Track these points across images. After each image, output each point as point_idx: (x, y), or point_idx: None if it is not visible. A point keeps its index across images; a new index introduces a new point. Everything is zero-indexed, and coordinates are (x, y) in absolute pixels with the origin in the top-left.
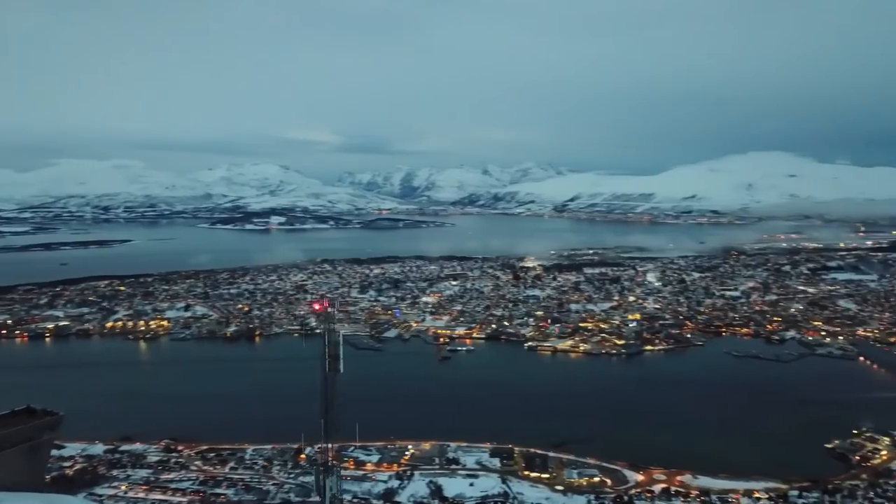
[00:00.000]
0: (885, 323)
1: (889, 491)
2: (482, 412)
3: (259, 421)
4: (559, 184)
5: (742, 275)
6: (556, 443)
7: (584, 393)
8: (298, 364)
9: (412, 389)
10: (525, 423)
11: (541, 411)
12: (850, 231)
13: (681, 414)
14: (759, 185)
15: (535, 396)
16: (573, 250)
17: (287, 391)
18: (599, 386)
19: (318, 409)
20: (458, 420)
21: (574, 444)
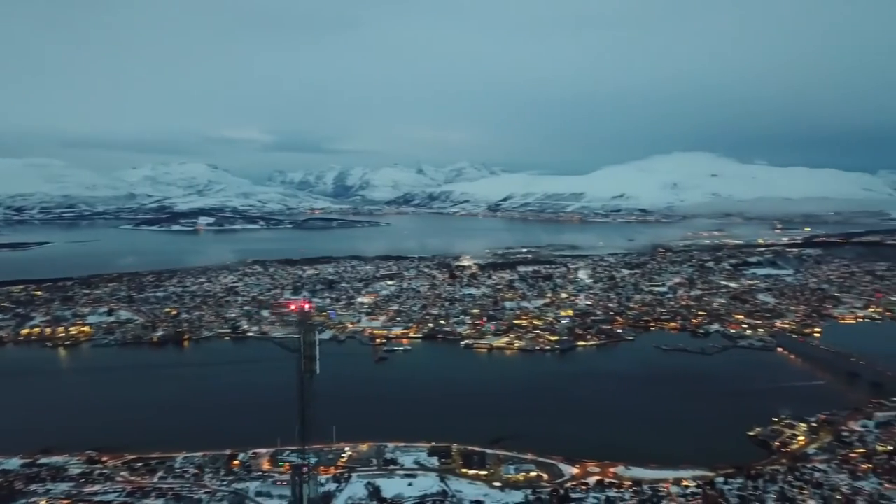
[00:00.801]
0: (801, 315)
1: (806, 474)
2: (420, 412)
3: (190, 428)
4: (493, 183)
5: (669, 271)
6: (493, 439)
7: (519, 389)
8: (231, 368)
9: (348, 391)
10: (463, 421)
11: (478, 409)
12: (768, 228)
13: (613, 407)
14: (683, 185)
15: (473, 394)
16: (508, 249)
17: (219, 396)
18: (534, 382)
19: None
20: (395, 420)
21: (511, 440)
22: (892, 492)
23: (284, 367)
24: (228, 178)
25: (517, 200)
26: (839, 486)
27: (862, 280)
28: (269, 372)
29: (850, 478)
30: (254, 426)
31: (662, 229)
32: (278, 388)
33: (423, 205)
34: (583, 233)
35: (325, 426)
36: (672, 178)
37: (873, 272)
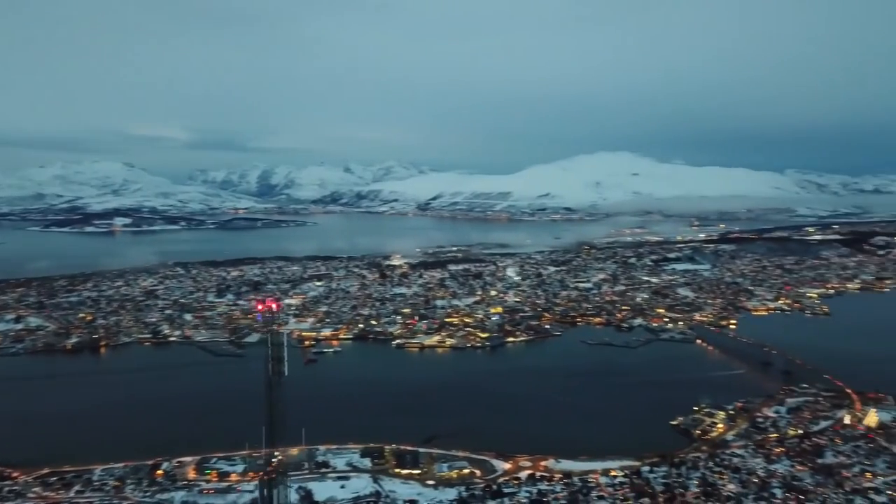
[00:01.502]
0: (718, 308)
1: (725, 460)
2: (351, 413)
3: (109, 438)
4: (422, 183)
5: (594, 267)
6: (426, 438)
7: (451, 387)
8: (152, 374)
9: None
10: (395, 421)
11: (410, 408)
12: (686, 225)
13: (542, 401)
14: (606, 184)
15: (405, 393)
16: (438, 248)
17: (140, 404)
18: (466, 379)
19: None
20: (326, 423)
21: (444, 438)
22: (804, 473)
23: (210, 371)
24: (146, 177)
25: (446, 199)
26: (755, 469)
27: (773, 274)
28: (193, 377)
29: (766, 461)
30: (178, 434)
31: (587, 227)
32: (203, 393)
33: (352, 204)
34: (511, 231)
35: (252, 431)
36: (595, 178)
37: (782, 266)
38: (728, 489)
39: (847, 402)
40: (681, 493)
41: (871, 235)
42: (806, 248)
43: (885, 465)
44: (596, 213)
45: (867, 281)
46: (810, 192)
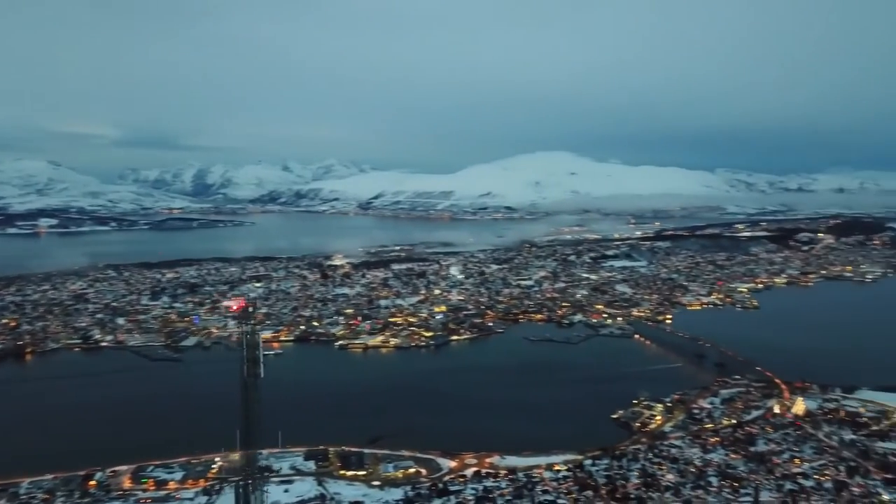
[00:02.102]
0: (654, 303)
1: (664, 451)
2: (294, 416)
3: (37, 449)
4: (363, 181)
5: (535, 265)
6: (371, 439)
7: (396, 387)
8: (83, 381)
9: (216, 399)
10: (340, 422)
11: (355, 409)
12: (623, 223)
13: (487, 398)
14: (545, 183)
15: (349, 395)
16: (381, 247)
17: (70, 412)
18: (411, 378)
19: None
20: (268, 426)
21: (389, 438)
22: (737, 461)
23: (145, 377)
24: (73, 176)
25: (388, 199)
26: (692, 459)
27: (705, 269)
28: (127, 383)
29: (702, 451)
30: (112, 442)
31: (528, 226)
32: (139, 399)
33: (291, 203)
34: (453, 230)
35: (192, 436)
36: (535, 177)
37: (715, 262)
38: (667, 479)
39: (776, 391)
40: (622, 485)
41: (796, 232)
42: (736, 244)
43: (812, 450)
44: (536, 212)
45: (793, 275)
46: (739, 190)
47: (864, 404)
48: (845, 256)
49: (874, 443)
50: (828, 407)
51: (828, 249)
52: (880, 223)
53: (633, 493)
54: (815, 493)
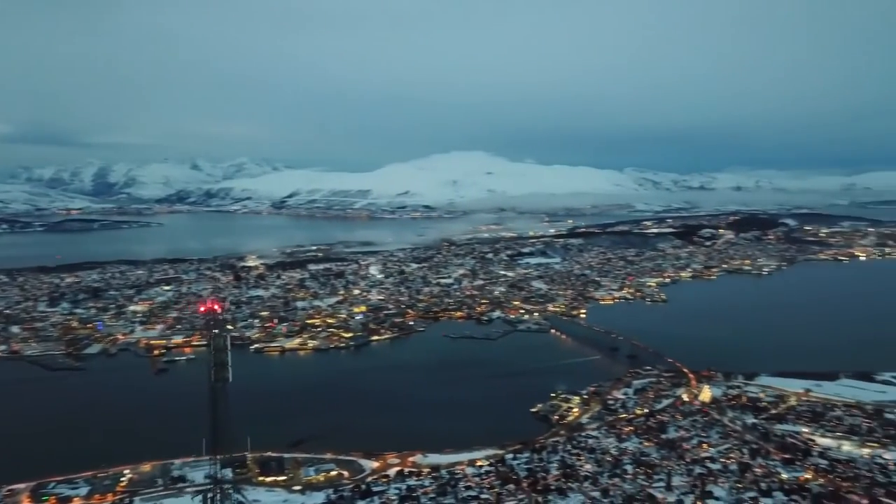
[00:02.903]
0: (569, 299)
1: (582, 442)
2: (208, 423)
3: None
4: (276, 180)
5: (454, 263)
6: (291, 443)
7: (316, 389)
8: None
9: (123, 408)
10: (258, 428)
11: (274, 413)
12: (537, 221)
13: (409, 397)
14: (462, 182)
15: (267, 399)
16: (297, 247)
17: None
18: (331, 380)
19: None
20: (181, 435)
21: (310, 441)
22: (650, 448)
23: (44, 388)
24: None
25: (303, 197)
26: (609, 448)
27: (616, 265)
28: (24, 396)
29: (617, 440)
30: (7, 458)
31: (446, 224)
32: (37, 412)
33: (200, 203)
34: (372, 229)
35: (97, 449)
36: (451, 176)
37: (625, 258)
38: (585, 469)
39: (684, 380)
40: (543, 477)
41: (700, 228)
42: (644, 240)
43: (718, 435)
44: (454, 211)
45: (697, 270)
46: (647, 188)
47: (763, 390)
48: (744, 251)
49: (773, 425)
50: (731, 393)
51: (728, 244)
52: (774, 219)
53: (554, 484)
54: (722, 476)
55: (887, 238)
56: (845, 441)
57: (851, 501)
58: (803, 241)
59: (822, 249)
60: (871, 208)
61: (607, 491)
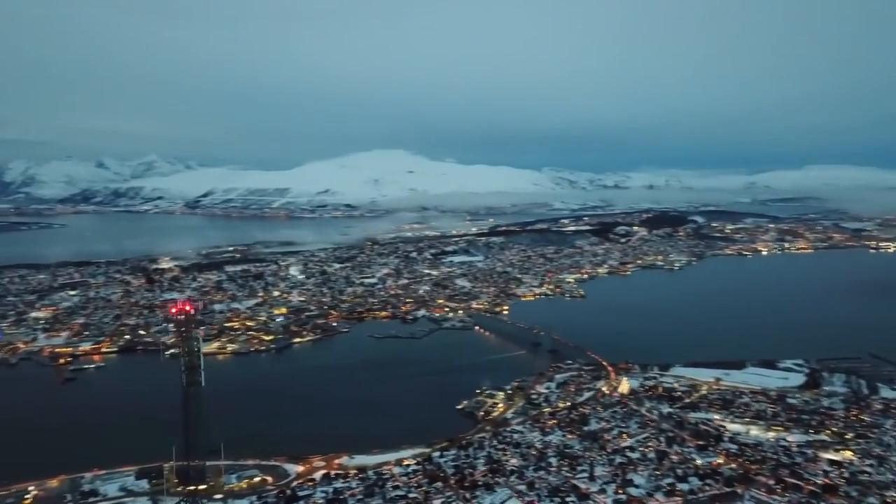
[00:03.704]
0: (492, 296)
1: (507, 437)
2: (122, 433)
3: None
4: (190, 179)
5: (377, 263)
6: (211, 450)
7: (237, 393)
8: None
9: (26, 421)
10: (175, 435)
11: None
12: (460, 220)
13: (333, 399)
14: (384, 181)
15: (182, 406)
16: (213, 248)
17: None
18: (252, 384)
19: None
20: (92, 447)
21: (231, 447)
22: (573, 440)
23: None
24: None
25: (219, 197)
26: (534, 442)
27: (537, 262)
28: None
29: (542, 434)
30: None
31: (368, 223)
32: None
33: (108, 203)
34: (292, 229)
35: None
36: (373, 175)
37: (545, 255)
38: (511, 463)
39: (604, 373)
40: (470, 473)
41: (615, 226)
42: (563, 238)
43: (637, 425)
44: (376, 210)
45: (613, 266)
46: (564, 187)
47: (677, 380)
48: (657, 247)
49: (687, 414)
50: (648, 384)
51: (642, 241)
52: (684, 216)
53: (481, 480)
54: (641, 464)
55: (786, 234)
56: (753, 426)
57: (759, 483)
58: (711, 237)
59: (728, 245)
60: (770, 205)
61: (533, 484)
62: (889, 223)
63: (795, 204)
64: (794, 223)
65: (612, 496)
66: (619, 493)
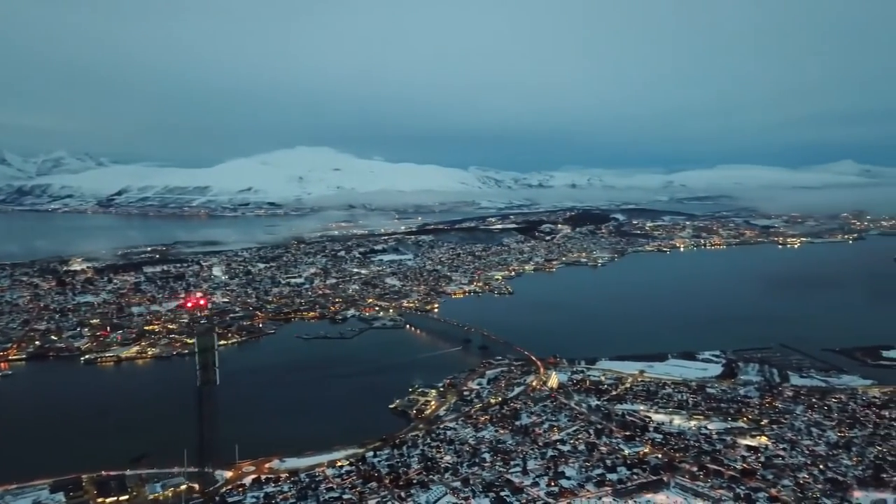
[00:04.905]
0: (422, 294)
1: (441, 434)
2: (35, 444)
3: None
4: (102, 176)
5: (304, 262)
6: (133, 459)
7: (160, 399)
8: None
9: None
10: (94, 446)
11: (112, 429)
12: (388, 218)
13: (260, 402)
14: (309, 178)
15: (103, 413)
16: (130, 248)
17: None
18: (175, 389)
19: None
20: (1, 460)
21: (155, 455)
22: (506, 435)
23: None
24: None
25: (134, 195)
26: (467, 439)
27: (466, 260)
28: None
29: (474, 430)
30: None
31: (294, 222)
32: None
33: (11, 201)
34: (214, 228)
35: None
36: (297, 172)
37: (473, 253)
38: (445, 461)
39: (533, 368)
40: (404, 472)
41: (540, 224)
42: (491, 236)
43: (567, 418)
44: (302, 208)
45: (539, 263)
46: (490, 186)
47: (604, 373)
48: (580, 244)
49: (614, 406)
50: (576, 378)
51: (566, 238)
52: (606, 214)
53: (416, 478)
54: (572, 456)
55: (701, 230)
56: (676, 416)
57: (684, 470)
58: (632, 234)
59: (647, 242)
60: (686, 203)
61: (468, 480)
62: (794, 220)
63: (709, 202)
64: (709, 220)
65: (544, 489)
66: (552, 486)
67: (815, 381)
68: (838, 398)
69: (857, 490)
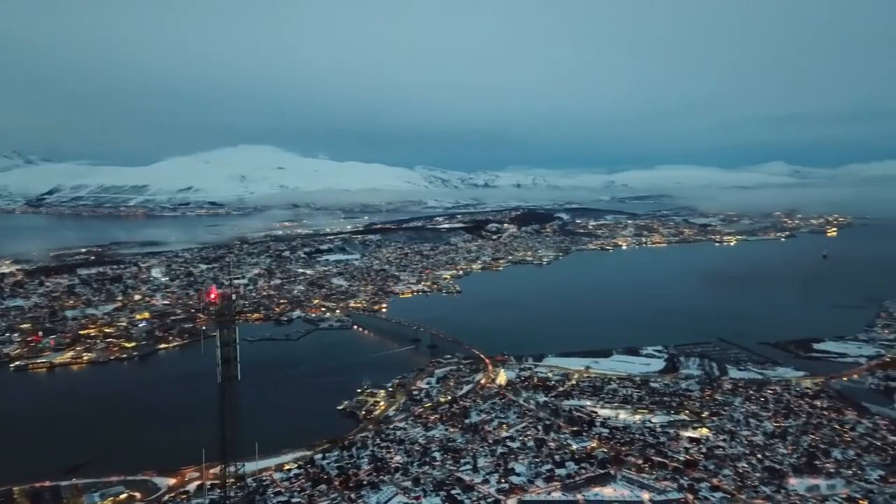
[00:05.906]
0: (370, 294)
1: (390, 434)
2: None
3: None
4: (32, 174)
5: (248, 263)
6: (68, 469)
7: (96, 406)
8: None
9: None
10: (25, 457)
11: (44, 438)
12: (334, 217)
13: (203, 407)
14: (251, 177)
15: (34, 423)
16: (63, 249)
17: None
18: (113, 394)
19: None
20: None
21: (91, 464)
22: (456, 434)
23: None
24: None
25: (66, 194)
26: (417, 438)
27: (413, 259)
28: None
29: (424, 429)
30: None
31: (236, 222)
32: None
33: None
34: (150, 228)
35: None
36: (240, 171)
37: (421, 252)
38: (395, 461)
39: (482, 366)
40: (354, 473)
41: (487, 223)
42: (438, 235)
43: (516, 415)
44: (244, 207)
45: (486, 262)
46: (436, 186)
47: (551, 369)
48: (526, 243)
49: (562, 401)
50: (524, 375)
51: (512, 237)
52: (550, 214)
53: (366, 479)
54: (522, 453)
55: (643, 229)
56: (621, 410)
57: (630, 463)
58: (575, 233)
59: (591, 240)
60: (628, 203)
61: (418, 479)
62: (731, 218)
63: (650, 201)
64: (650, 219)
65: (495, 486)
66: (502, 483)
67: (752, 373)
68: (774, 390)
69: (792, 477)
